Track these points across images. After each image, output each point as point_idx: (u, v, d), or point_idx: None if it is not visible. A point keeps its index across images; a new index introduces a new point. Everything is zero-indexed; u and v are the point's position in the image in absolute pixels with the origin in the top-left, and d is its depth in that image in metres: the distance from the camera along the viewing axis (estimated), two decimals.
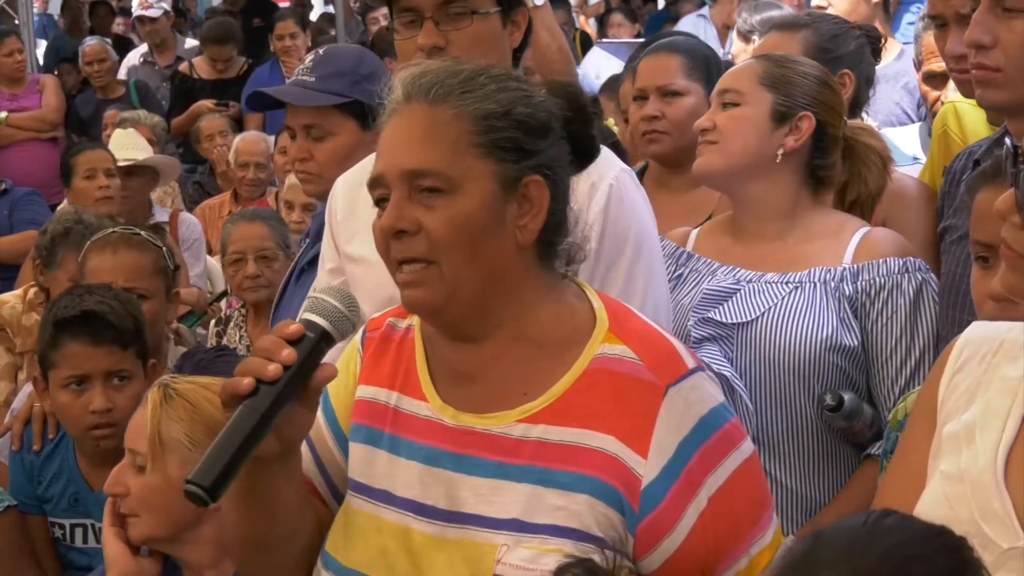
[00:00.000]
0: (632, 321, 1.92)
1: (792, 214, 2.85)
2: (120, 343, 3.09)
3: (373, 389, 1.97)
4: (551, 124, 1.89)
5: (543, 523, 1.80)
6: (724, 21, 8.24)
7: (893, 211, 3.23)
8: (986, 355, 1.77)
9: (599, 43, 9.85)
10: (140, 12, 9.65)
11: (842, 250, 2.80)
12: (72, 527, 3.21)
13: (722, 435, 1.85)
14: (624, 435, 1.81)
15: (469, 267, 1.82)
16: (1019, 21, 2.48)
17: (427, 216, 1.82)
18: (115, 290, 3.23)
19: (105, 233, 3.77)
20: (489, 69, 1.90)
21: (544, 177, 1.86)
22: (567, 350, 1.87)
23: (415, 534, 1.86)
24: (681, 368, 1.86)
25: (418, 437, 1.90)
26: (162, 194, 7.06)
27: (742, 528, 1.84)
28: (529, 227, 1.86)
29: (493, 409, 1.87)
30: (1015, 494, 1.65)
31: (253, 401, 1.74)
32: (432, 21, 2.47)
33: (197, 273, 6.00)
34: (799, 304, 2.74)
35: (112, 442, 3.09)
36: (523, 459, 1.83)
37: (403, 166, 1.83)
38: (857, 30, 3.56)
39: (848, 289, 2.75)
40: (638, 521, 1.80)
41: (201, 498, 1.71)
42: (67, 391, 3.10)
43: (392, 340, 1.99)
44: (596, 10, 12.65)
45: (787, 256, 2.83)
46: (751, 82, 2.85)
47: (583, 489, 1.80)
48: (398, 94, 1.88)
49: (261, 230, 4.69)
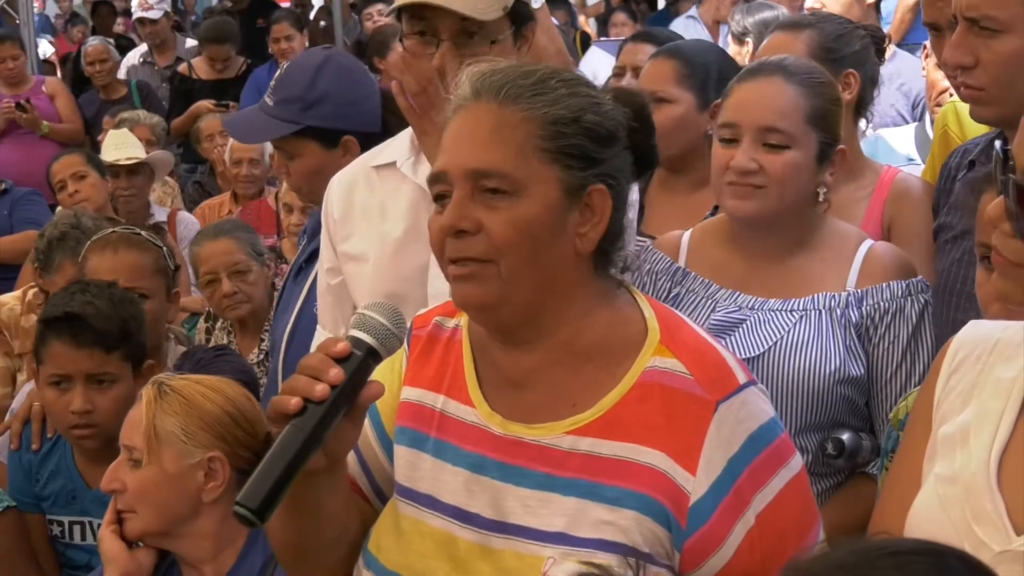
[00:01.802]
0: (683, 331, 1.89)
1: (798, 232, 2.80)
2: (103, 346, 3.08)
3: (419, 391, 1.94)
4: (618, 133, 1.86)
5: (590, 537, 1.78)
6: (713, 17, 8.26)
7: (898, 211, 3.22)
8: (981, 355, 1.76)
9: (597, 42, 9.84)
10: (140, 14, 9.64)
11: (846, 271, 2.75)
12: (70, 524, 3.21)
13: (772, 451, 1.82)
14: (673, 451, 1.78)
15: (526, 271, 1.79)
16: (996, 41, 2.50)
17: (489, 217, 1.79)
18: (113, 290, 3.22)
19: (105, 233, 3.78)
20: (561, 73, 1.88)
21: (608, 186, 1.84)
22: (618, 362, 1.84)
23: (459, 542, 1.84)
24: (732, 383, 1.83)
25: (464, 443, 1.87)
26: (162, 194, 7.07)
27: (789, 544, 1.81)
28: (590, 235, 1.83)
29: (542, 419, 1.84)
30: (1008, 496, 1.65)
31: (300, 421, 1.72)
32: (450, 44, 2.47)
33: None
34: (806, 335, 2.70)
35: (93, 442, 3.11)
36: (571, 472, 1.80)
37: (468, 165, 1.80)
38: (862, 30, 3.55)
39: (854, 316, 2.71)
40: (685, 538, 1.78)
41: (250, 520, 1.70)
42: (51, 389, 3.12)
43: (439, 340, 1.96)
44: (596, 10, 12.65)
45: (790, 278, 2.78)
46: (799, 121, 2.72)
47: (631, 505, 1.78)
48: (466, 90, 1.85)
49: (227, 245, 4.58)
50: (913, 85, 4.75)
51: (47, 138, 8.22)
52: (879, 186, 3.26)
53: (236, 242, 4.59)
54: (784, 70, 2.75)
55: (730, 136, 2.75)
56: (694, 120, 3.56)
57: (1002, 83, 2.52)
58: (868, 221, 3.17)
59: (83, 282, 3.27)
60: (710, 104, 3.54)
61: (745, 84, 2.78)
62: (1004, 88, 2.53)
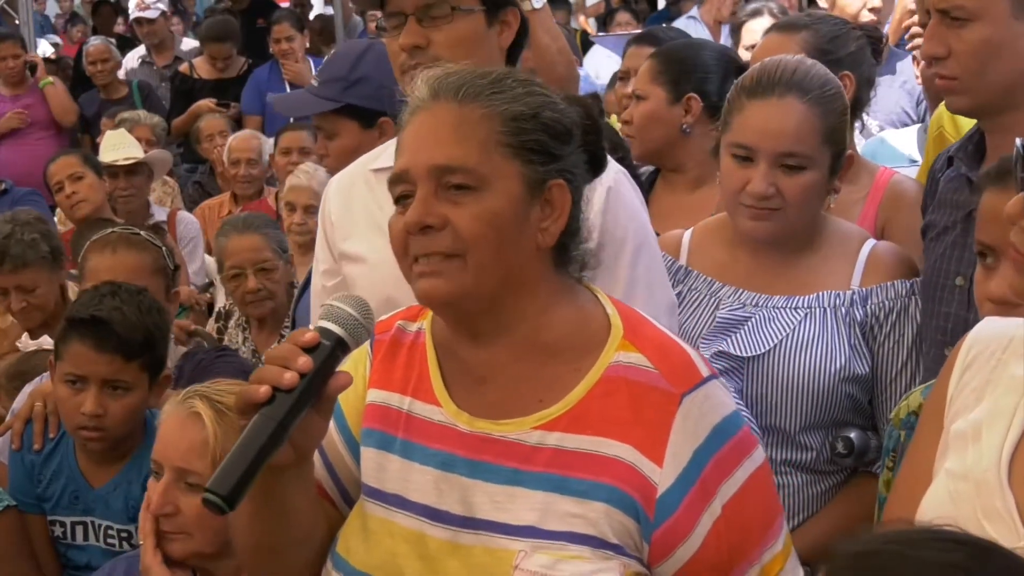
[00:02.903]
0: (646, 328, 1.92)
1: (803, 233, 2.81)
2: (124, 353, 3.06)
3: (385, 393, 1.96)
4: (574, 131, 1.90)
5: (559, 530, 1.80)
6: (715, 17, 8.26)
7: (893, 213, 3.23)
8: (995, 352, 1.77)
9: (596, 38, 9.84)
10: (137, 14, 9.64)
11: (849, 269, 2.77)
12: (72, 525, 3.21)
13: (736, 443, 1.85)
14: (640, 444, 1.81)
15: (492, 264, 1.82)
16: (966, 30, 2.54)
17: (455, 212, 1.81)
18: (142, 297, 3.17)
19: (105, 233, 3.78)
20: (514, 73, 1.92)
21: (567, 182, 1.87)
22: (582, 357, 1.87)
23: (429, 540, 1.86)
24: (696, 376, 1.86)
25: (432, 442, 1.89)
26: (162, 194, 7.08)
27: (755, 535, 1.84)
28: (551, 230, 1.86)
29: (508, 415, 1.86)
30: (1019, 493, 1.65)
31: (269, 409, 1.74)
32: (414, 19, 2.48)
33: (194, 271, 6.03)
34: (811, 334, 2.71)
35: (99, 445, 3.10)
36: (539, 466, 1.83)
37: (432, 162, 1.83)
38: (858, 31, 3.56)
39: (858, 314, 2.72)
40: (654, 529, 1.80)
41: (219, 506, 1.71)
42: (65, 386, 3.10)
43: (403, 344, 1.98)
44: (596, 10, 12.65)
45: (794, 276, 2.79)
46: (816, 143, 2.72)
47: (599, 497, 1.80)
48: (423, 92, 1.88)
49: (256, 241, 4.61)
50: (916, 84, 4.76)
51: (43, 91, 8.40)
52: (874, 188, 3.27)
53: (264, 239, 4.62)
54: (798, 88, 2.72)
55: (745, 155, 2.73)
56: (665, 114, 3.66)
57: (973, 71, 2.56)
58: (862, 223, 3.17)
59: (114, 284, 3.21)
60: (683, 97, 3.62)
61: (758, 103, 2.74)
62: (975, 76, 2.57)
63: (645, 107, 3.68)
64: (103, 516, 3.16)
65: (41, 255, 4.31)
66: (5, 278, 4.31)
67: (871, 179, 3.28)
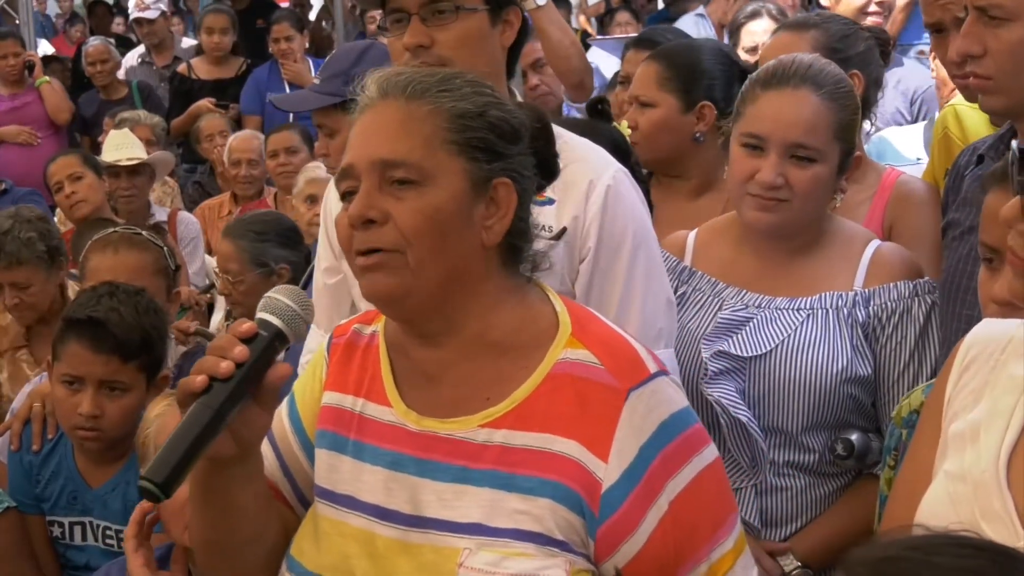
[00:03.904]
0: (594, 325, 1.92)
1: (809, 233, 2.81)
2: (121, 354, 3.06)
3: (338, 395, 1.97)
4: (522, 132, 1.90)
5: (505, 527, 1.80)
6: (719, 19, 8.26)
7: (900, 213, 3.22)
8: (994, 353, 1.76)
9: (596, 41, 9.84)
10: (137, 14, 9.64)
11: (853, 270, 2.76)
12: (71, 525, 3.21)
13: (683, 440, 1.84)
14: (586, 439, 1.81)
15: (434, 261, 1.82)
16: (1004, 30, 2.50)
17: (397, 207, 1.81)
18: (140, 297, 3.17)
19: (106, 233, 3.78)
20: (464, 74, 1.93)
21: (513, 181, 1.88)
22: (529, 354, 1.87)
23: (379, 539, 1.86)
24: (643, 372, 1.86)
25: (382, 442, 1.90)
26: (162, 194, 7.08)
27: (703, 533, 1.83)
28: (495, 228, 1.86)
29: (456, 414, 1.87)
30: (1017, 494, 1.64)
31: (207, 398, 1.76)
32: (418, 19, 2.47)
33: (194, 271, 6.03)
34: (813, 334, 2.71)
35: (96, 445, 3.10)
36: (485, 464, 1.83)
37: (375, 156, 1.83)
38: (866, 31, 3.56)
39: (861, 315, 2.71)
40: (598, 525, 1.80)
41: (154, 494, 1.72)
42: (62, 386, 3.10)
43: (357, 346, 2.00)
44: (596, 10, 12.63)
45: (798, 277, 2.78)
46: (827, 137, 2.72)
47: (544, 493, 1.80)
48: (372, 91, 1.90)
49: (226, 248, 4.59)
50: (910, 83, 4.78)
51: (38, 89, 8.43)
52: (881, 188, 3.26)
53: (235, 248, 4.57)
54: (812, 81, 2.73)
55: (755, 144, 2.73)
56: (677, 123, 3.58)
57: (1009, 72, 2.52)
58: (869, 223, 3.17)
59: (112, 285, 3.21)
60: (695, 105, 3.56)
61: (772, 94, 2.74)
62: (1011, 77, 2.53)
63: (656, 115, 3.59)
64: (101, 516, 3.17)
65: (37, 254, 4.30)
66: (0, 274, 4.33)
67: (878, 179, 3.28)
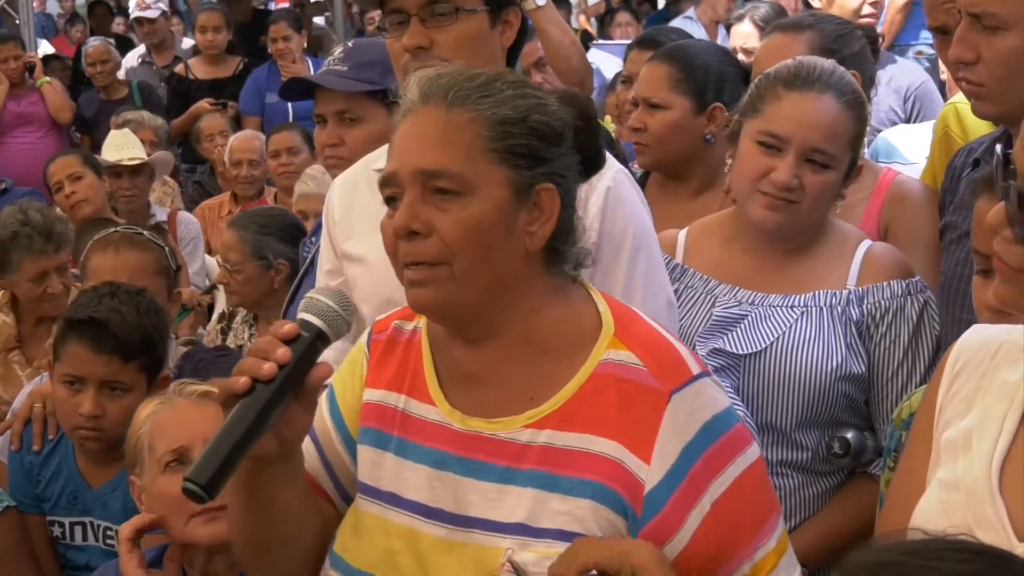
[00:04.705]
0: (637, 325, 1.92)
1: (806, 234, 2.81)
2: (122, 355, 3.05)
3: (381, 392, 1.97)
4: (564, 133, 1.89)
5: (548, 527, 1.81)
6: (711, 18, 8.27)
7: (896, 213, 3.22)
8: (984, 359, 1.76)
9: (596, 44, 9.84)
10: (138, 13, 9.64)
11: (845, 269, 2.77)
12: (71, 525, 3.21)
13: (726, 440, 1.85)
14: (628, 441, 1.81)
15: (478, 271, 1.82)
16: (997, 38, 2.51)
17: (440, 218, 1.82)
18: (141, 298, 3.16)
19: (107, 232, 3.78)
20: (505, 75, 1.91)
21: (556, 185, 1.87)
22: (573, 355, 1.88)
23: (423, 537, 1.87)
24: (685, 374, 1.86)
25: (426, 441, 1.91)
26: (162, 194, 7.08)
27: (745, 533, 1.84)
28: (539, 234, 1.86)
29: (500, 414, 1.87)
30: (1009, 501, 1.64)
31: (249, 400, 1.76)
32: (418, 20, 2.47)
33: (194, 271, 6.02)
34: (808, 332, 2.71)
35: (96, 445, 3.10)
36: (528, 464, 1.84)
37: (418, 165, 1.83)
38: (858, 31, 3.56)
39: (854, 313, 2.72)
40: (641, 526, 1.81)
41: (198, 495, 1.73)
42: (63, 387, 3.10)
43: (399, 342, 2.00)
44: (597, 10, 12.64)
45: (790, 275, 2.79)
46: (844, 145, 2.74)
47: (586, 494, 1.81)
48: (414, 94, 1.88)
49: (229, 238, 4.63)
50: (903, 81, 4.79)
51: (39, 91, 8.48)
52: (877, 188, 3.26)
53: (237, 239, 4.60)
54: (836, 88, 2.73)
55: (774, 144, 2.73)
56: (690, 125, 3.56)
57: (1001, 80, 2.53)
58: (866, 223, 3.17)
59: (113, 285, 3.21)
60: (707, 107, 3.55)
61: (796, 96, 2.74)
62: (1003, 85, 2.54)
63: (668, 117, 3.55)
64: (102, 517, 3.16)
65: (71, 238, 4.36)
66: (50, 259, 4.30)
67: (874, 179, 3.28)
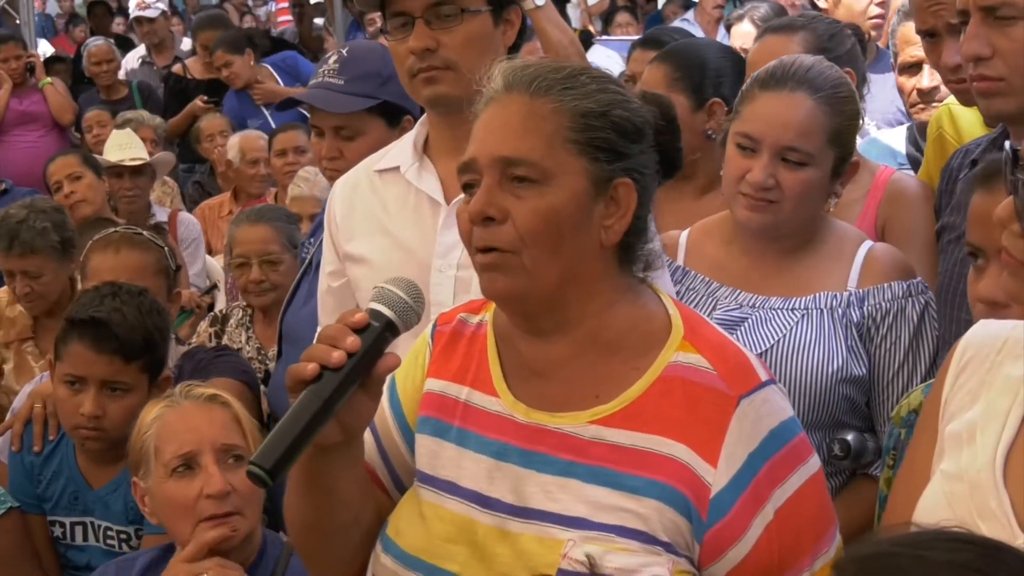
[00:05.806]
0: (706, 329, 1.92)
1: (802, 235, 2.81)
2: (123, 355, 3.06)
3: (443, 383, 1.97)
4: (645, 130, 1.89)
5: (610, 523, 1.81)
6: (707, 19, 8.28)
7: (893, 212, 3.22)
8: (989, 354, 1.76)
9: (599, 40, 9.85)
10: (138, 13, 9.65)
11: (846, 270, 2.77)
12: (72, 525, 3.22)
13: (791, 449, 1.84)
14: (695, 444, 1.81)
15: (551, 261, 1.82)
16: (1015, 28, 2.47)
17: (516, 206, 1.82)
18: (143, 298, 3.17)
19: (107, 232, 3.79)
20: (590, 70, 1.92)
21: (634, 180, 1.87)
22: (641, 355, 1.87)
23: (478, 525, 1.87)
24: (754, 380, 1.86)
25: (488, 432, 1.90)
26: (161, 194, 7.08)
27: (806, 542, 1.83)
28: (614, 228, 1.86)
29: (565, 409, 1.87)
30: (1014, 494, 1.64)
31: (317, 387, 1.76)
32: (423, 22, 2.48)
33: (195, 272, 6.02)
34: (808, 334, 2.72)
35: (97, 445, 3.11)
36: (593, 460, 1.83)
37: (498, 152, 1.84)
38: (847, 29, 3.57)
39: (855, 315, 2.72)
40: (706, 529, 1.80)
41: (262, 479, 1.73)
42: (64, 386, 3.11)
43: (463, 335, 2.00)
44: (599, 8, 12.64)
45: (791, 277, 2.79)
46: (820, 142, 2.72)
47: (652, 494, 1.80)
48: (498, 83, 1.89)
49: (265, 232, 4.60)
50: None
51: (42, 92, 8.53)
52: (874, 187, 3.26)
53: (274, 231, 4.60)
54: (809, 84, 2.73)
55: (748, 145, 2.74)
56: (689, 121, 3.53)
57: (1021, 71, 2.49)
58: (862, 222, 3.17)
59: (114, 285, 3.21)
60: (706, 103, 3.56)
61: (768, 95, 2.74)
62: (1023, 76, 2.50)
63: None
64: (102, 517, 3.17)
65: (50, 243, 4.36)
66: (13, 261, 4.38)
67: (871, 177, 3.28)
